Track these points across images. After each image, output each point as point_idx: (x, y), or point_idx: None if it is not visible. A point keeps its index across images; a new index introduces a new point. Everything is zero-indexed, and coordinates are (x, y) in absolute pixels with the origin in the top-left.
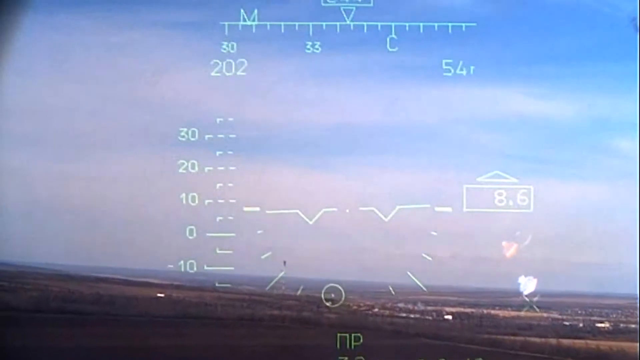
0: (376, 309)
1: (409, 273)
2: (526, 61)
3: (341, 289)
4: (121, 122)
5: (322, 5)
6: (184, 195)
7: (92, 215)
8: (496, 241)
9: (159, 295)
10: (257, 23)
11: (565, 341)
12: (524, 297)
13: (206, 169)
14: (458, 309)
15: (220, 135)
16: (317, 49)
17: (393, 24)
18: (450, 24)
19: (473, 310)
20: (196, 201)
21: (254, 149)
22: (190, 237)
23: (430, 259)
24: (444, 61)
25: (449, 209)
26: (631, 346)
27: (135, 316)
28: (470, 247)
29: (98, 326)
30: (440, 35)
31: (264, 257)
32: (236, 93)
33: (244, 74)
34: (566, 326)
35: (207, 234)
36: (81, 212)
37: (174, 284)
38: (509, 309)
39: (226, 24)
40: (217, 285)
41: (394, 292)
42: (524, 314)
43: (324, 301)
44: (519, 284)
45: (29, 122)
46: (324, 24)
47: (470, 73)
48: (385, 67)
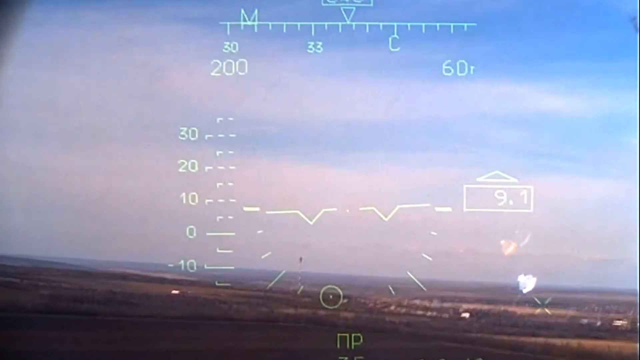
0: (379, 307)
1: (408, 273)
2: (529, 58)
3: (339, 290)
4: (123, 118)
5: (322, 5)
6: (184, 194)
7: (90, 212)
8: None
9: (173, 292)
10: (258, 23)
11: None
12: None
13: (206, 168)
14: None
15: (220, 135)
16: (319, 49)
17: (395, 23)
18: (452, 24)
19: (490, 307)
20: (196, 200)
21: (254, 149)
22: (191, 237)
23: (431, 258)
24: (446, 61)
25: (449, 209)
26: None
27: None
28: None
29: (110, 326)
30: (442, 35)
31: (264, 257)
32: (237, 93)
33: (245, 73)
34: (584, 325)
35: (208, 234)
36: (78, 208)
37: (190, 279)
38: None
39: (228, 23)
40: (217, 284)
41: (393, 292)
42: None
43: (323, 302)
44: (518, 282)
45: (38, 116)
46: (325, 24)
47: (471, 73)
48: (386, 67)
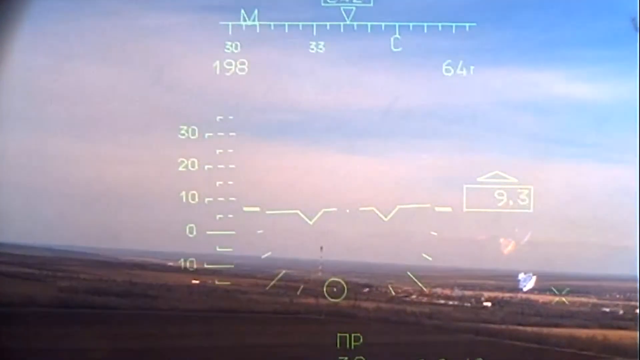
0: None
1: (409, 273)
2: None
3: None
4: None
5: (322, 5)
6: (184, 193)
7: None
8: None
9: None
10: (260, 23)
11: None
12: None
13: (206, 166)
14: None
15: (220, 133)
16: (320, 49)
17: (397, 24)
18: (453, 24)
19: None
20: (196, 199)
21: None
22: (190, 235)
23: (430, 258)
24: (446, 61)
25: (448, 209)
26: None
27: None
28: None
29: (129, 320)
30: (444, 34)
31: (264, 256)
32: (237, 92)
33: (246, 73)
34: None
35: (207, 232)
36: (92, 196)
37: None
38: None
39: (229, 24)
40: (216, 282)
41: (393, 292)
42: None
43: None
44: (518, 280)
45: (50, 104)
46: (327, 24)
47: (471, 73)
48: (388, 67)
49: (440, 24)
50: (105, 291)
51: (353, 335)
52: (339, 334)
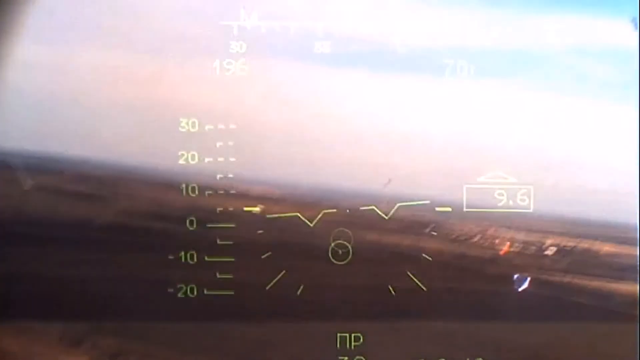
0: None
1: (409, 273)
2: None
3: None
4: None
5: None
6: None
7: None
8: None
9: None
10: (265, 23)
11: None
12: None
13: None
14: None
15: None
16: (326, 49)
17: None
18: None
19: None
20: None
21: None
22: (191, 228)
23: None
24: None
25: (448, 209)
26: None
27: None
28: None
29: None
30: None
31: (264, 256)
32: (239, 91)
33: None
34: None
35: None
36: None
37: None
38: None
39: (234, 24)
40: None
41: (394, 292)
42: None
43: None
44: (514, 280)
45: None
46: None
47: (471, 73)
48: (394, 68)
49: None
50: (164, 216)
51: (353, 335)
52: (338, 334)
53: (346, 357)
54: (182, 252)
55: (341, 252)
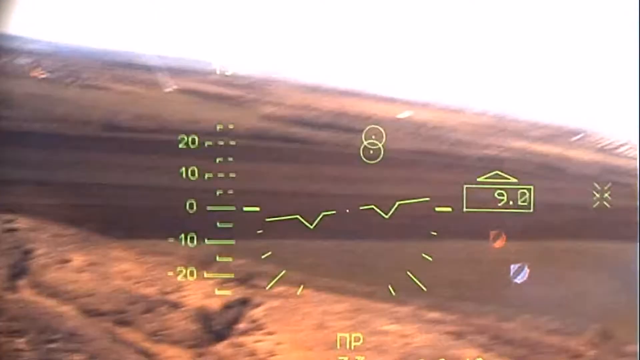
0: None
1: (408, 273)
2: None
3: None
4: None
5: None
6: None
7: None
8: None
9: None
10: None
11: None
12: None
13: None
14: None
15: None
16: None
17: None
18: None
19: None
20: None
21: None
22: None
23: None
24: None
25: (448, 209)
26: None
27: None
28: None
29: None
30: None
31: (264, 256)
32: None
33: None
34: None
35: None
36: None
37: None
38: None
39: None
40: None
41: (393, 292)
42: None
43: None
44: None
45: None
46: None
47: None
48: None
49: None
50: (309, 121)
51: (353, 335)
52: (338, 334)
53: (346, 357)
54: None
55: None
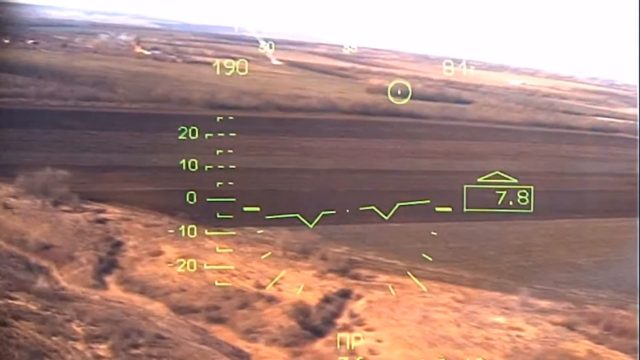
0: None
1: (408, 273)
2: None
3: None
4: None
5: None
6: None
7: None
8: None
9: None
10: None
11: None
12: None
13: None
14: None
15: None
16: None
17: None
18: None
19: None
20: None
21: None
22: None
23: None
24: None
25: (448, 209)
26: None
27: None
28: None
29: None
30: None
31: (264, 257)
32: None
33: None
34: None
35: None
36: None
37: None
38: None
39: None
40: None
41: (393, 292)
42: None
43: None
44: None
45: None
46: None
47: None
48: None
49: None
50: (416, 93)
51: (353, 335)
52: (338, 334)
53: (346, 357)
54: None
55: None
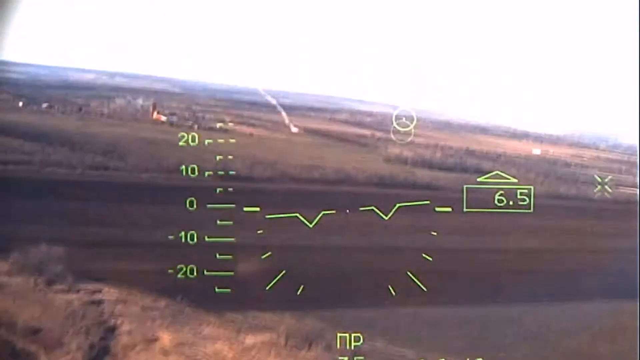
0: None
1: (408, 273)
2: None
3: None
4: None
5: None
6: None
7: None
8: None
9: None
10: None
11: None
12: None
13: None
14: None
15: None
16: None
17: None
18: None
19: None
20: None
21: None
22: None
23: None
24: None
25: (448, 209)
26: None
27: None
28: None
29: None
30: None
31: (264, 257)
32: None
33: None
34: None
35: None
36: None
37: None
38: None
39: None
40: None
41: (394, 292)
42: None
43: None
44: None
45: None
46: None
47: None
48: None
49: None
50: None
51: (353, 335)
52: (338, 334)
53: (346, 357)
54: None
55: None
